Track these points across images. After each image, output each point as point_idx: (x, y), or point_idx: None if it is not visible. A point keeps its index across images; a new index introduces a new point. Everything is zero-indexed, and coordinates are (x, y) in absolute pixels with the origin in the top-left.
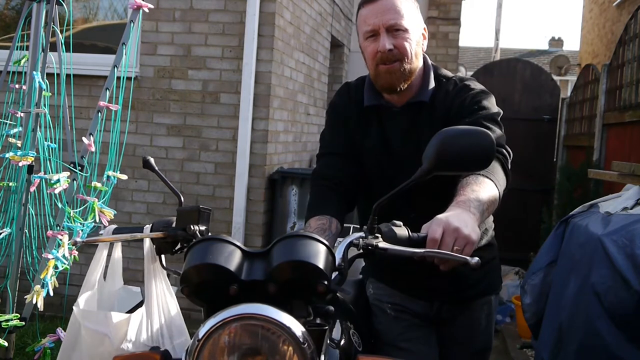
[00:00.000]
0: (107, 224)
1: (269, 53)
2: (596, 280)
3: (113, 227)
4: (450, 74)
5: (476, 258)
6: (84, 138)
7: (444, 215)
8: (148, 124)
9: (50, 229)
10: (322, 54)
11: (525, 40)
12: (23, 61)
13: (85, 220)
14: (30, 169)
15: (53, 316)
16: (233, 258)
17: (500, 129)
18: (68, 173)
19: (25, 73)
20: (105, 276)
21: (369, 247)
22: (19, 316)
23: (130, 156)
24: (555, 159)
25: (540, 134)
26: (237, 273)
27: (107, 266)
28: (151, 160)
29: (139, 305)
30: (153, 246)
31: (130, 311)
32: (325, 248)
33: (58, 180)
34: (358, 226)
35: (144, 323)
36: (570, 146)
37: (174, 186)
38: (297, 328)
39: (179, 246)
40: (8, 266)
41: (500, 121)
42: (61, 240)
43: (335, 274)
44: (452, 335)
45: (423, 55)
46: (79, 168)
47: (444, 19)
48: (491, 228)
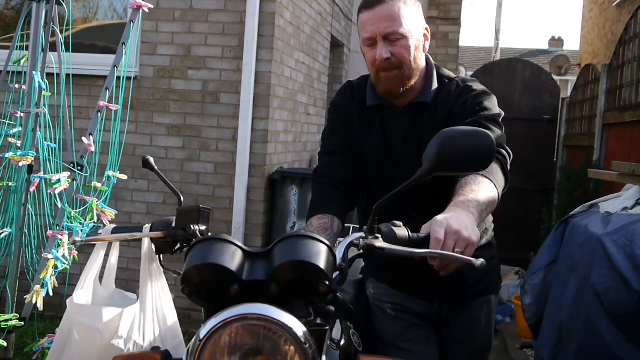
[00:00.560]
0: (109, 224)
1: (269, 53)
2: (596, 280)
3: (112, 227)
4: (452, 75)
5: (481, 259)
6: (84, 138)
7: (444, 216)
8: (148, 124)
9: (50, 229)
10: (322, 54)
11: (525, 40)
12: (23, 61)
13: (85, 220)
14: (30, 169)
15: (53, 316)
16: (234, 258)
17: (501, 130)
18: (68, 173)
19: (25, 73)
20: (100, 280)
21: (369, 248)
22: (19, 316)
23: (130, 156)
24: (555, 159)
25: (540, 134)
26: (238, 273)
27: (104, 267)
28: (151, 160)
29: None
30: (152, 246)
31: None
32: (326, 248)
33: (59, 180)
34: (358, 226)
35: (137, 321)
36: (570, 146)
37: (174, 186)
38: (299, 328)
39: (179, 246)
40: (8, 266)
41: (501, 122)
42: (61, 240)
43: (336, 274)
44: (452, 335)
45: (426, 55)
46: (79, 168)
47: (444, 19)
48: (491, 228)
